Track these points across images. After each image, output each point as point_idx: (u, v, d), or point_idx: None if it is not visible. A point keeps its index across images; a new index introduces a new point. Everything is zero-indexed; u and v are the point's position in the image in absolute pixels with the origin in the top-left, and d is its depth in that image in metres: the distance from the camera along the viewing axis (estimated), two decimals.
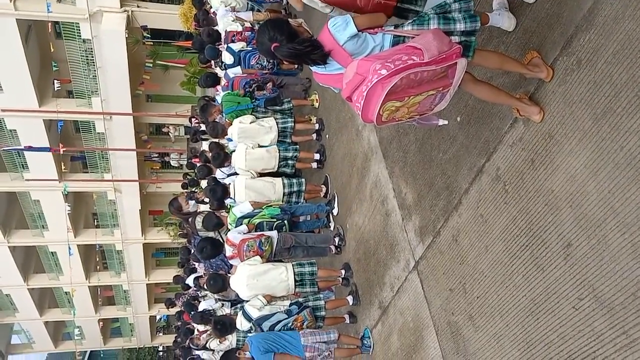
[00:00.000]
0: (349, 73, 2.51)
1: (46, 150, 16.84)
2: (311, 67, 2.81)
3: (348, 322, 5.99)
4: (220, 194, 6.51)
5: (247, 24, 7.91)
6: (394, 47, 2.60)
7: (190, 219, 7.29)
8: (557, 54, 2.91)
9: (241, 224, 6.01)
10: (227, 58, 7.79)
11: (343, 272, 6.11)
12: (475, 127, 3.70)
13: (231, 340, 6.72)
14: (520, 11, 3.22)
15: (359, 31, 2.59)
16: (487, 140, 3.55)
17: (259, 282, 5.46)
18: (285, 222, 6.17)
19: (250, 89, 7.18)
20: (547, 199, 3.00)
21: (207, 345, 8.97)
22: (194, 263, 10.44)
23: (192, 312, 8.53)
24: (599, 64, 2.66)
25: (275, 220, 6.12)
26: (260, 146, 6.67)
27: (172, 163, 21.60)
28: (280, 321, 5.22)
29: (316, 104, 7.54)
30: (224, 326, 5.60)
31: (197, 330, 9.31)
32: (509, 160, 3.33)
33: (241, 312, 5.48)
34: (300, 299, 5.57)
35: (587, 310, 2.73)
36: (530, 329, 3.16)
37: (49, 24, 15.15)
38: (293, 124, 7.01)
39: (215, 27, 8.60)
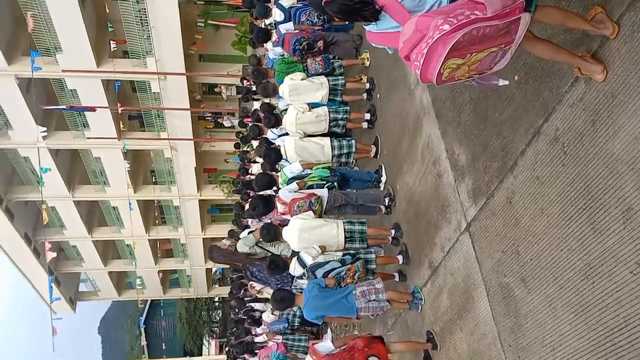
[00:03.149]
0: (407, 30, 2.41)
1: (87, 110, 17.37)
2: (364, 26, 2.76)
3: (397, 280, 6.07)
4: (273, 158, 6.65)
5: None
6: (454, 2, 2.51)
7: (237, 259, 7.08)
8: (624, 10, 2.74)
9: (292, 184, 6.11)
10: (278, 15, 7.76)
11: (393, 231, 6.15)
12: (533, 86, 3.57)
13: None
14: None
15: None
16: (545, 100, 3.43)
17: (310, 236, 5.57)
18: (335, 183, 6.23)
19: (301, 47, 7.13)
20: (608, 162, 2.90)
21: (259, 295, 9.34)
22: (248, 220, 10.73)
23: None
24: None
25: (324, 182, 6.19)
26: (311, 106, 6.67)
27: (225, 124, 21.95)
28: (334, 269, 5.31)
29: (367, 63, 7.43)
30: (277, 266, 5.70)
31: (250, 284, 9.68)
32: (568, 121, 3.22)
33: (296, 257, 5.57)
34: (352, 252, 5.66)
35: None
36: (585, 293, 3.12)
37: None
38: (344, 82, 6.98)
39: None
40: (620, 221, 2.83)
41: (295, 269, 5.59)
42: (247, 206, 9.72)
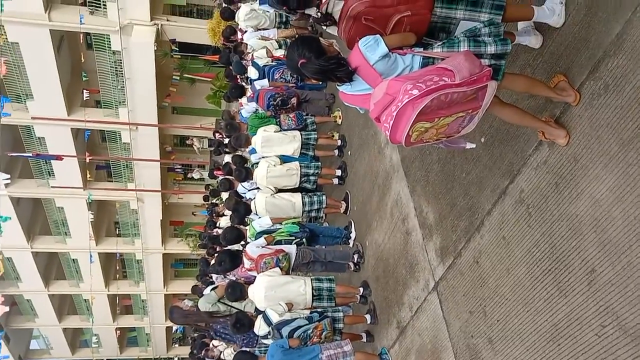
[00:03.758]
0: (378, 93, 2.49)
1: (53, 158, 17.03)
2: (338, 87, 2.83)
3: (365, 340, 5.95)
4: (242, 212, 6.61)
5: (274, 52, 8.01)
6: (424, 68, 2.61)
7: (200, 319, 6.86)
8: (584, 78, 2.90)
9: (260, 238, 6.05)
10: (252, 72, 7.92)
11: (361, 289, 6.09)
12: (499, 149, 3.68)
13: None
14: (548, 35, 3.22)
15: (389, 51, 2.60)
16: (511, 162, 3.54)
17: (276, 294, 5.45)
18: (304, 239, 6.19)
19: (275, 102, 7.25)
20: (571, 224, 2.97)
21: (222, 357, 8.95)
22: (213, 275, 10.48)
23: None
24: (626, 89, 2.64)
25: (293, 238, 6.14)
26: (283, 160, 6.71)
27: (194, 176, 21.84)
28: (300, 327, 5.18)
29: (339, 121, 7.58)
30: (243, 325, 5.49)
31: (212, 344, 9.33)
32: (533, 183, 3.31)
33: (261, 315, 5.42)
34: (319, 310, 5.54)
35: (610, 338, 2.68)
36: (551, 355, 3.10)
37: (81, 35, 15.55)
38: (316, 137, 7.08)
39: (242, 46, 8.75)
40: (584, 282, 2.87)
41: (260, 327, 5.43)
42: (212, 261, 9.52)
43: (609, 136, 2.73)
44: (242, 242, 6.60)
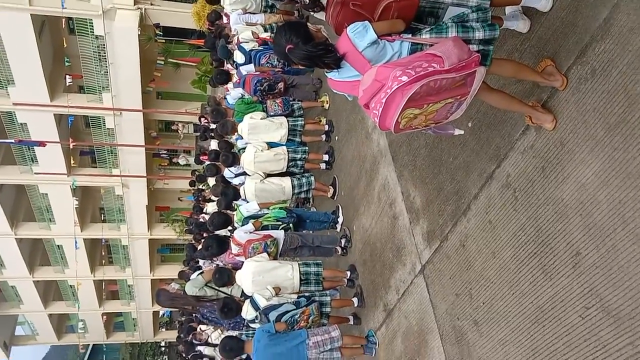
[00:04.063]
0: (367, 80, 2.48)
1: (36, 144, 16.75)
2: (326, 73, 2.81)
3: (352, 323, 6.00)
4: (231, 196, 6.58)
5: (261, 35, 7.92)
6: (413, 54, 2.60)
7: (186, 303, 6.84)
8: (571, 63, 2.91)
9: (248, 223, 6.04)
10: (239, 57, 7.84)
11: (349, 273, 6.13)
12: (486, 133, 3.70)
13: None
14: (535, 19, 3.22)
15: (378, 38, 2.58)
16: (498, 146, 3.56)
17: (264, 279, 5.46)
18: (291, 224, 6.20)
19: (262, 88, 7.20)
20: (557, 207, 3.01)
21: (209, 341, 8.97)
22: (199, 260, 10.47)
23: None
24: (613, 74, 2.66)
25: (280, 223, 6.15)
26: (270, 145, 6.69)
27: (180, 162, 21.70)
28: (288, 311, 5.20)
29: (326, 106, 7.56)
30: (230, 309, 5.50)
31: (200, 328, 9.36)
32: (519, 167, 3.34)
33: (249, 300, 5.43)
34: (307, 294, 5.57)
35: (594, 320, 2.73)
36: (536, 336, 3.16)
37: (63, 19, 15.29)
38: (303, 123, 7.06)
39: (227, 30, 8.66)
40: (569, 265, 2.91)
41: (247, 311, 5.45)
42: (199, 247, 9.50)
43: (595, 121, 2.76)
44: (230, 228, 6.58)
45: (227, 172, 7.99)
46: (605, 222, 2.68)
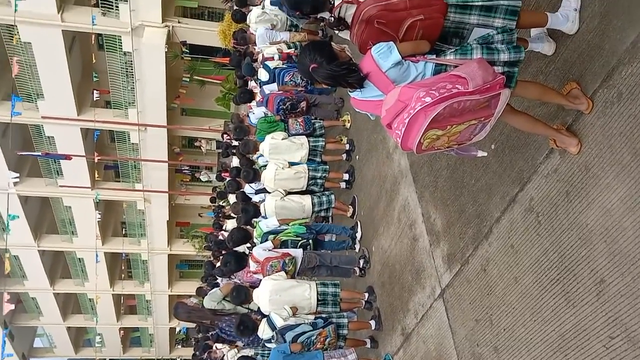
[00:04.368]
0: (390, 100, 2.48)
1: (62, 157, 17.04)
2: (349, 93, 2.82)
3: (369, 346, 5.91)
4: (251, 213, 6.62)
5: (284, 50, 8.02)
6: (437, 75, 2.59)
7: (204, 317, 6.81)
8: (597, 86, 2.87)
9: (267, 240, 6.04)
10: (263, 75, 7.93)
11: (366, 295, 6.06)
12: (509, 156, 3.66)
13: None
14: (561, 42, 3.19)
15: (402, 58, 2.58)
16: (521, 169, 3.51)
17: (281, 297, 5.43)
18: (310, 241, 6.18)
19: (284, 107, 7.26)
20: (581, 233, 2.94)
21: (224, 359, 8.91)
22: (218, 277, 10.48)
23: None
24: None
25: (300, 239, 6.14)
26: (290, 164, 6.72)
27: (202, 178, 21.89)
28: (304, 332, 5.15)
29: (347, 125, 7.58)
30: (247, 327, 5.49)
31: (215, 346, 9.32)
32: (543, 191, 3.28)
33: (266, 319, 5.41)
34: (324, 316, 5.52)
35: (619, 350, 2.65)
36: None
37: (93, 35, 15.67)
38: (324, 144, 7.08)
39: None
40: (593, 293, 2.83)
41: (264, 331, 5.42)
42: (218, 264, 9.51)
43: (621, 145, 2.70)
44: (249, 244, 6.59)
45: (248, 188, 8.04)
46: (631, 249, 2.60)
